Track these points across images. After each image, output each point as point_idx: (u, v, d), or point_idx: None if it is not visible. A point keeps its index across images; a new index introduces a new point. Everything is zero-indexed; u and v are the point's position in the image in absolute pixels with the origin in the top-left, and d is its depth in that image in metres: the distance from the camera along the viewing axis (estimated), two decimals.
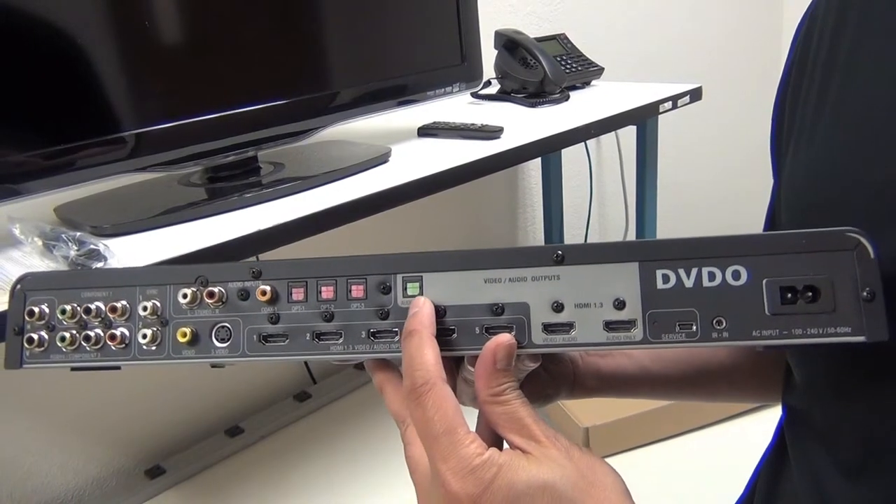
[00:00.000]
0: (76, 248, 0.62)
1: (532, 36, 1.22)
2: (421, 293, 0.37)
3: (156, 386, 1.11)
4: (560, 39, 1.35)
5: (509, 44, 1.21)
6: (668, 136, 1.43)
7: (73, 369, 0.39)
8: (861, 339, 0.33)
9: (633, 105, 1.13)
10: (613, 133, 1.64)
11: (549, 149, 1.04)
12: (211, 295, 0.38)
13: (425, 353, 0.35)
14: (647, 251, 0.35)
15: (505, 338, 0.35)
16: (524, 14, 1.49)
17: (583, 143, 1.60)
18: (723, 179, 2.07)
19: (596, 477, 0.34)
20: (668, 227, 1.81)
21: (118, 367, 0.39)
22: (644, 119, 1.27)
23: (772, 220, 0.51)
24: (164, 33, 0.73)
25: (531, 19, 1.51)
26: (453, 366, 0.42)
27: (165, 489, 1.04)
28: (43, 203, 0.74)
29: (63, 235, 0.64)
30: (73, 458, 1.04)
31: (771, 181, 0.50)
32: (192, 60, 0.75)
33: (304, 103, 0.84)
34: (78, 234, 0.65)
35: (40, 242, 0.64)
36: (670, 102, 1.18)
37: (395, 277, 0.37)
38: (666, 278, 0.35)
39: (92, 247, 0.63)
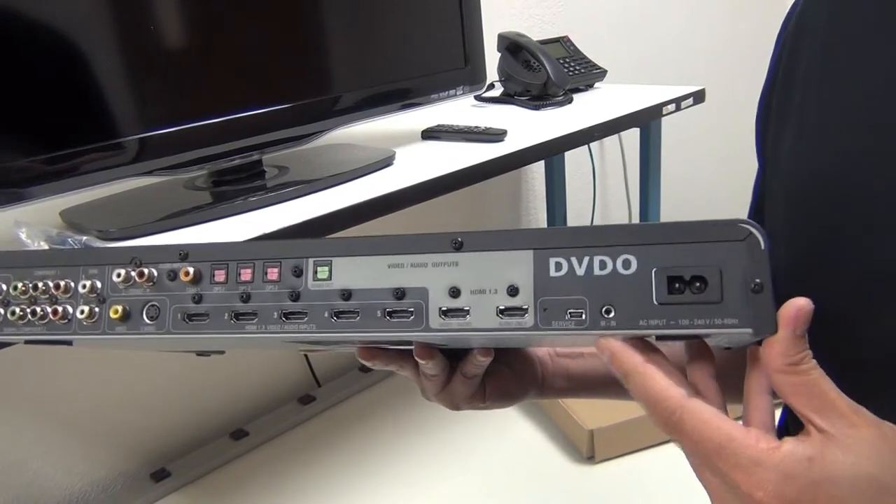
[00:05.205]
0: None
1: (535, 39, 1.22)
2: (330, 277, 0.38)
3: (160, 389, 1.12)
4: (563, 42, 1.35)
5: (512, 46, 1.21)
6: (672, 138, 1.43)
7: (26, 342, 0.42)
8: (748, 331, 0.32)
9: (636, 107, 1.13)
10: (617, 135, 1.64)
11: (552, 151, 1.04)
12: (142, 275, 0.40)
13: (656, 385, 0.33)
14: (541, 239, 0.35)
15: (803, 301, 0.32)
16: (527, 17, 1.50)
17: (586, 146, 1.60)
18: (726, 181, 2.06)
19: None
20: None
21: (69, 343, 0.41)
22: (647, 121, 1.27)
23: (756, 209, 0.52)
24: (168, 37, 0.73)
25: (534, 22, 1.51)
26: (451, 362, 0.41)
27: (170, 492, 1.04)
28: (49, 207, 0.74)
29: (69, 239, 0.64)
30: (78, 461, 1.04)
31: None
32: (196, 64, 0.76)
33: (308, 107, 0.84)
34: (84, 237, 0.65)
35: (46, 246, 0.64)
36: (673, 105, 1.18)
37: (308, 261, 0.38)
38: (559, 266, 0.35)
39: None
